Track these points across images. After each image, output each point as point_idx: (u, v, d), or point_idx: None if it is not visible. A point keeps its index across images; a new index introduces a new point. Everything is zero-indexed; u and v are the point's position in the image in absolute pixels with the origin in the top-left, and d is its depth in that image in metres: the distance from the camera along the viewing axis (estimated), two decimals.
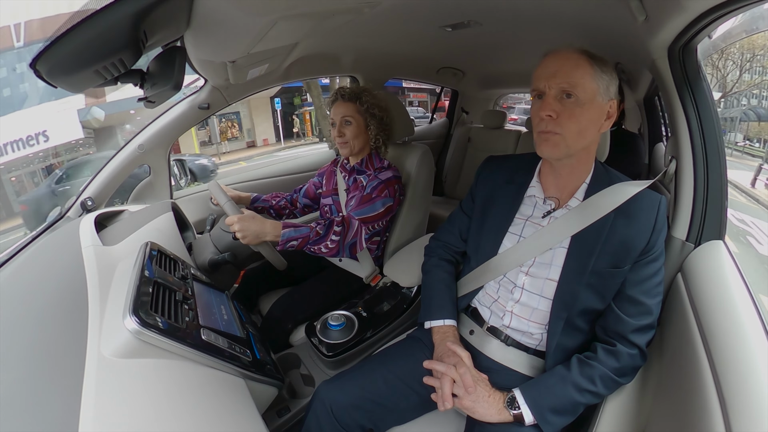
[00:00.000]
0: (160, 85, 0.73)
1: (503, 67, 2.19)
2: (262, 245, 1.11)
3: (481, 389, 0.78)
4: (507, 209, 0.89)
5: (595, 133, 0.77)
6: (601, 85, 0.73)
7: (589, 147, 0.79)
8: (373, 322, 1.30)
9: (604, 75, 0.74)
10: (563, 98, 0.73)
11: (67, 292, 0.72)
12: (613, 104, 0.76)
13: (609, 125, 0.78)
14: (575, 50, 0.75)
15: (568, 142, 0.75)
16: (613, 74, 0.75)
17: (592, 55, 0.74)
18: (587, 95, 0.73)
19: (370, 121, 1.34)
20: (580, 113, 0.73)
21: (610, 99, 0.75)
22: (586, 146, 0.78)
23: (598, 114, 0.75)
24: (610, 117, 0.76)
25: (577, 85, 0.72)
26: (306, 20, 0.96)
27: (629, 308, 0.76)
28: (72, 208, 1.36)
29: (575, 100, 0.73)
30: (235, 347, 0.78)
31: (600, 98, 0.74)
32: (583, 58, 0.74)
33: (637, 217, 0.76)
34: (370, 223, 1.26)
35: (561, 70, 0.73)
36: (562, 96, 0.74)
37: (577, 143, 0.76)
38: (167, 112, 1.50)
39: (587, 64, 0.73)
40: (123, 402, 0.53)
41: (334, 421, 0.84)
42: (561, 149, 0.76)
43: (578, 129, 0.74)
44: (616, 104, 0.76)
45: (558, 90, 0.74)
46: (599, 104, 0.74)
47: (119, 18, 0.52)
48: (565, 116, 0.73)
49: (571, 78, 0.72)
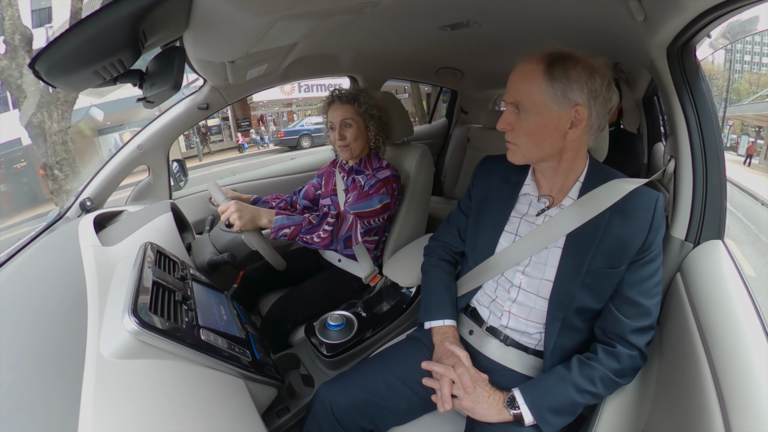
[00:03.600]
0: (159, 85, 0.73)
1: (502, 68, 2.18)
2: (260, 243, 1.11)
3: (481, 389, 0.78)
4: (503, 208, 0.89)
5: (558, 140, 0.74)
6: (552, 95, 0.71)
7: (564, 150, 0.77)
8: (373, 322, 1.30)
9: (557, 83, 0.70)
10: (516, 111, 0.75)
11: (66, 293, 0.72)
12: (579, 110, 0.71)
13: (577, 132, 0.73)
14: (537, 58, 0.72)
15: (523, 152, 0.78)
16: (580, 80, 0.70)
17: (552, 62, 0.71)
18: (535, 107, 0.72)
19: (369, 122, 1.34)
20: (529, 126, 0.74)
21: (575, 105, 0.71)
22: (552, 153, 0.77)
23: (554, 123, 0.72)
24: (576, 124, 0.72)
25: (523, 99, 0.73)
26: (305, 20, 0.96)
27: (628, 309, 0.76)
28: (71, 209, 1.36)
29: (524, 113, 0.74)
30: (235, 348, 0.78)
31: (554, 107, 0.71)
32: (537, 68, 0.71)
33: (633, 215, 0.76)
34: (366, 219, 1.25)
35: (512, 84, 0.75)
36: (515, 108, 0.75)
37: (533, 152, 0.77)
38: (166, 112, 1.50)
39: (539, 75, 0.71)
40: (122, 403, 0.53)
41: (334, 422, 0.84)
42: (518, 158, 0.80)
43: (530, 140, 0.76)
44: (583, 110, 0.71)
45: (511, 103, 0.76)
46: (554, 113, 0.72)
47: (118, 18, 0.52)
48: (517, 128, 0.76)
49: (518, 92, 0.74)
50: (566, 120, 0.72)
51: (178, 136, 1.59)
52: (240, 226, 1.06)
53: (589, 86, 0.71)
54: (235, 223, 1.06)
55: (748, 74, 14.74)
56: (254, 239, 1.10)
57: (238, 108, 15.42)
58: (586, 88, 0.71)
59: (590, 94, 0.71)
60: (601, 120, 0.75)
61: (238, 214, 1.05)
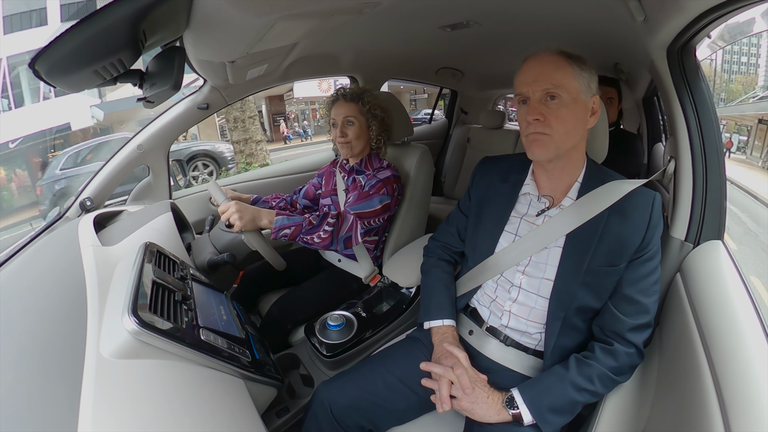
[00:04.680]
0: (159, 85, 0.73)
1: (502, 68, 2.19)
2: (260, 243, 1.11)
3: (480, 390, 0.78)
4: (502, 208, 0.90)
5: (582, 130, 0.79)
6: (582, 83, 0.75)
7: (578, 145, 0.80)
8: (373, 322, 1.30)
9: (584, 72, 0.75)
10: (547, 100, 0.75)
11: (66, 293, 0.72)
12: (596, 100, 0.78)
13: (594, 121, 0.79)
14: (553, 52, 0.77)
15: (557, 143, 0.76)
16: (592, 71, 0.77)
17: (570, 55, 0.76)
18: (571, 95, 0.74)
19: (372, 122, 1.34)
20: (566, 113, 0.75)
21: (593, 95, 0.77)
22: (575, 145, 0.79)
23: (583, 112, 0.77)
24: (594, 113, 0.78)
25: (560, 86, 0.74)
26: (305, 20, 0.96)
27: (626, 307, 0.76)
28: (71, 209, 1.36)
29: (560, 101, 0.74)
30: (234, 347, 0.78)
31: (583, 96, 0.76)
32: (562, 58, 0.75)
33: (631, 214, 0.76)
34: (366, 219, 1.25)
35: (543, 73, 0.75)
36: (546, 98, 0.75)
37: (565, 142, 0.77)
38: (166, 112, 1.50)
39: (567, 64, 0.75)
40: (122, 403, 0.53)
41: (333, 421, 0.84)
42: (551, 150, 0.77)
43: (565, 129, 0.76)
44: (598, 99, 0.79)
45: (542, 93, 0.75)
46: (583, 102, 0.76)
47: (118, 18, 0.52)
48: (551, 117, 0.75)
49: (554, 80, 0.74)
50: (589, 109, 0.77)
51: (178, 136, 1.59)
52: (240, 226, 1.06)
53: (595, 79, 0.78)
54: (236, 224, 1.06)
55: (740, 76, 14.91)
56: (254, 239, 1.10)
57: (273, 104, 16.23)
58: (594, 80, 0.77)
59: (597, 87, 0.79)
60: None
61: (238, 215, 1.05)
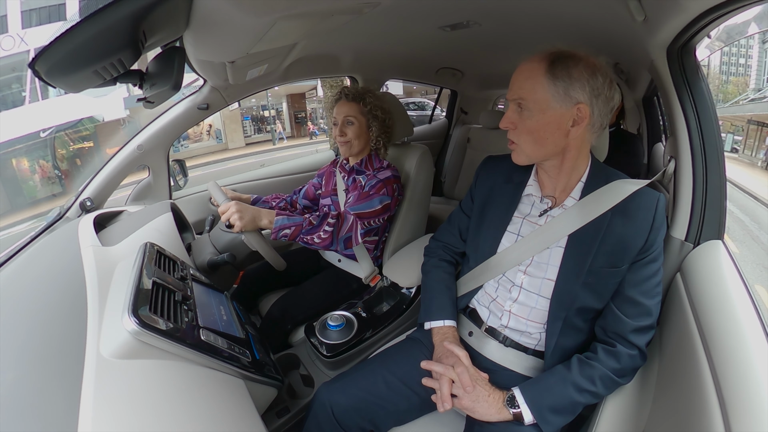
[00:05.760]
0: (160, 85, 0.73)
1: (502, 68, 2.19)
2: (260, 243, 1.11)
3: (481, 388, 0.78)
4: (505, 208, 0.89)
5: (561, 138, 0.75)
6: (554, 93, 0.71)
7: (567, 148, 0.77)
8: (373, 322, 1.30)
9: (559, 81, 0.71)
10: (519, 109, 0.76)
11: (66, 293, 0.72)
12: (581, 108, 0.72)
13: (578, 131, 0.74)
14: (541, 57, 0.73)
15: (526, 152, 0.78)
16: (582, 78, 0.71)
17: (554, 60, 0.71)
18: (537, 105, 0.73)
19: (372, 123, 1.34)
20: (533, 124, 0.75)
21: (577, 103, 0.72)
22: (555, 151, 0.77)
23: (556, 121, 0.73)
24: (579, 122, 0.73)
25: (525, 97, 0.74)
26: (305, 20, 0.96)
27: (629, 309, 0.76)
28: (71, 209, 1.35)
29: (527, 112, 0.74)
30: (235, 348, 0.78)
31: (556, 105, 0.72)
32: (539, 67, 0.72)
33: (634, 215, 0.76)
34: (366, 219, 1.25)
35: (515, 83, 0.76)
36: (518, 107, 0.76)
37: (536, 152, 0.78)
38: (166, 112, 1.50)
39: (541, 73, 0.72)
40: (122, 403, 0.53)
41: (334, 422, 0.84)
42: (522, 158, 0.80)
43: (533, 139, 0.76)
44: (585, 108, 0.72)
45: (514, 101, 0.76)
46: (556, 111, 0.72)
47: (118, 18, 0.52)
48: (519, 126, 0.76)
49: (521, 90, 0.74)
50: (568, 118, 0.73)
51: (178, 137, 1.59)
52: (240, 226, 1.06)
53: (590, 84, 0.71)
54: (236, 224, 1.06)
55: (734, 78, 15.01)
56: (254, 240, 1.10)
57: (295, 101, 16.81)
58: (588, 86, 0.71)
59: (592, 92, 0.72)
60: (603, 118, 0.75)
61: (238, 215, 1.05)
